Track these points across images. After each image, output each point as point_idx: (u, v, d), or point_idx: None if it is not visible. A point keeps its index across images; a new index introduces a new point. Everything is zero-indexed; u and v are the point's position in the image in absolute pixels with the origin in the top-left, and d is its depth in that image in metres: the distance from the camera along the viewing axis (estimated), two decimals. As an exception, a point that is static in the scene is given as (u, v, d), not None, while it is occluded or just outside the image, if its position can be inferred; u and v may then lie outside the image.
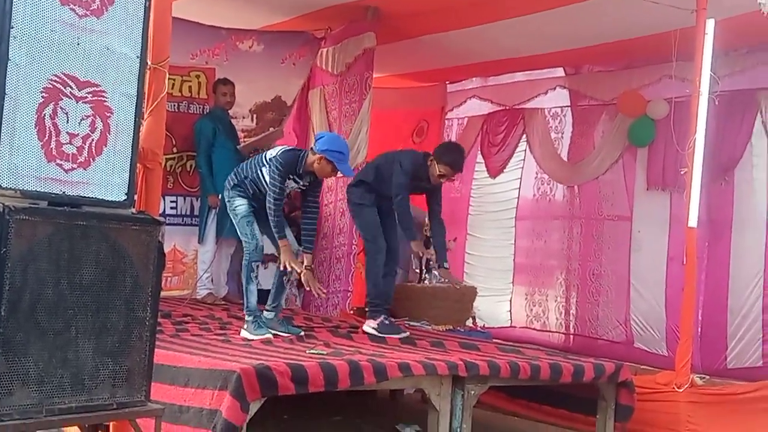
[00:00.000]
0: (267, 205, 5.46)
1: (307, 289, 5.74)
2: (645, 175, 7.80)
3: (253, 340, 5.31)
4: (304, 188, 5.69)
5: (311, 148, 5.58)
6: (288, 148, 5.64)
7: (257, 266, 5.66)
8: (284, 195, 5.61)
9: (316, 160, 5.44)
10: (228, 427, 3.94)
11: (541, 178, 8.80)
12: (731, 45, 6.68)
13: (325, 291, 5.94)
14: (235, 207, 5.66)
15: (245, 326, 5.51)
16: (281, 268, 5.59)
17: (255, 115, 7.91)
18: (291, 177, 5.51)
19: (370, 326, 6.03)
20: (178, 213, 7.49)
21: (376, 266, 6.18)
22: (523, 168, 8.98)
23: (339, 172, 5.68)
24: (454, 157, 6.14)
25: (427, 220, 7.95)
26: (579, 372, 5.39)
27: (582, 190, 8.41)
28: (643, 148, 7.79)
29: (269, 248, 5.86)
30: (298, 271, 5.51)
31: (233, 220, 5.76)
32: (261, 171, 5.58)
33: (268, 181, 5.50)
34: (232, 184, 5.71)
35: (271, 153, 5.59)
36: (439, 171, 6.05)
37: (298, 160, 5.49)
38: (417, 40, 7.72)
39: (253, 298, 5.54)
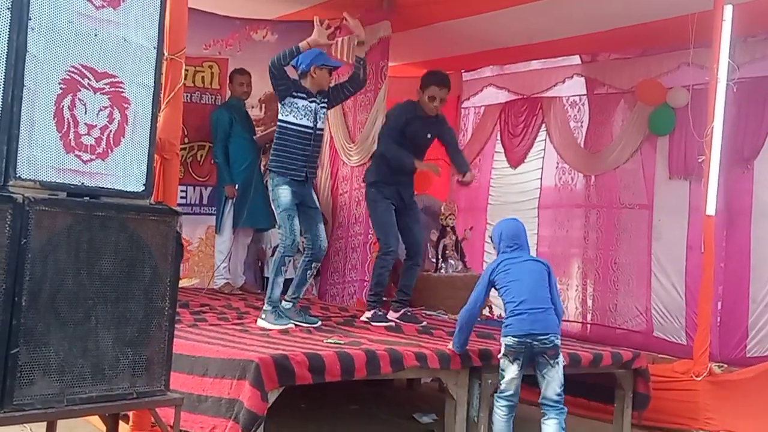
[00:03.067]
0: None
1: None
2: (665, 163, 7.74)
3: (271, 329, 5.33)
4: (325, 103, 5.76)
5: (300, 74, 5.66)
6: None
7: (289, 261, 5.67)
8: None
9: (311, 76, 5.60)
10: (250, 417, 3.96)
11: (562, 168, 8.76)
12: (750, 31, 6.63)
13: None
14: (279, 196, 5.60)
15: (263, 315, 5.51)
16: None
17: (264, 105, 7.91)
18: (302, 96, 5.60)
19: (365, 316, 6.09)
20: (188, 202, 7.54)
21: (382, 266, 6.18)
22: (543, 157, 8.94)
23: (333, 69, 5.81)
24: (434, 75, 6.19)
25: (442, 209, 7.97)
26: (597, 359, 5.40)
27: (602, 179, 8.37)
28: (663, 137, 7.73)
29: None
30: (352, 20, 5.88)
31: (274, 208, 5.71)
32: (280, 116, 5.67)
33: (295, 123, 5.60)
34: (273, 160, 5.70)
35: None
36: (428, 96, 6.06)
37: (298, 82, 5.63)
38: (431, 28, 7.69)
39: (278, 290, 5.54)
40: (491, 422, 4.68)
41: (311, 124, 5.63)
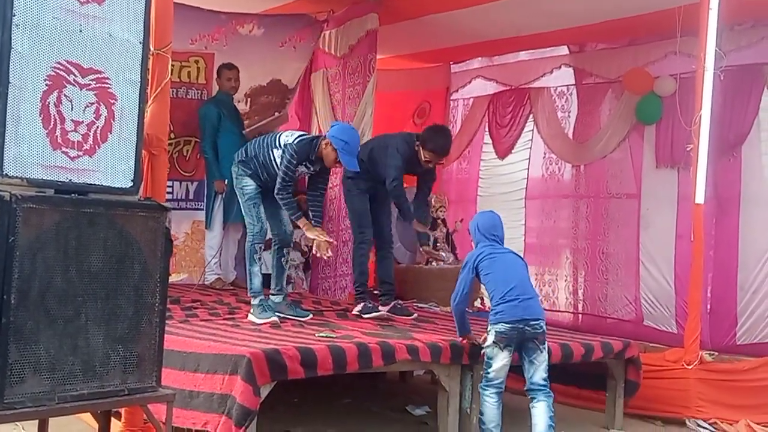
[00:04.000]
0: (276, 189, 5.47)
1: (317, 254, 5.75)
2: (652, 152, 7.75)
3: (259, 324, 5.33)
4: (312, 173, 5.70)
5: (325, 135, 5.59)
6: (304, 138, 5.59)
7: (260, 248, 5.69)
8: (294, 181, 5.63)
9: (324, 145, 5.48)
10: (243, 412, 3.96)
11: (549, 158, 8.76)
12: (736, 19, 6.63)
13: (331, 254, 5.92)
14: (243, 186, 5.67)
15: (252, 310, 5.53)
16: (310, 251, 5.60)
17: (249, 99, 7.88)
18: (303, 162, 5.53)
19: (356, 311, 6.11)
20: (174, 197, 7.51)
21: (361, 255, 6.26)
22: (531, 148, 8.94)
23: (341, 163, 5.61)
24: (438, 142, 6.08)
25: (433, 201, 7.97)
26: (588, 352, 5.42)
27: (590, 169, 8.38)
28: (650, 126, 7.74)
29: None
30: (328, 240, 5.58)
31: (239, 199, 5.76)
32: (272, 153, 5.57)
33: (279, 165, 5.50)
34: (239, 158, 5.71)
35: (286, 138, 5.57)
36: (425, 157, 6.04)
37: (311, 148, 5.51)
38: (420, 21, 7.67)
39: (257, 280, 5.56)
40: (481, 413, 4.69)
41: (294, 181, 5.70)
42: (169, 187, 7.39)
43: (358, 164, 5.69)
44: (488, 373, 4.70)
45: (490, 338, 4.70)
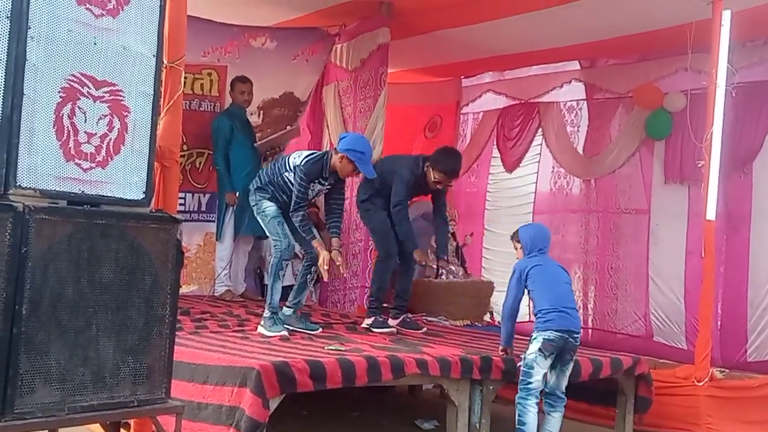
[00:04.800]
0: (291, 211, 5.49)
1: (334, 267, 5.65)
2: (662, 168, 7.75)
3: (269, 336, 5.33)
4: (329, 189, 5.71)
5: (335, 149, 5.60)
6: (312, 157, 5.59)
7: (286, 265, 5.69)
8: (308, 201, 5.64)
9: (338, 159, 5.48)
10: (252, 425, 3.96)
11: (557, 172, 8.77)
12: (748, 36, 6.64)
13: (347, 273, 5.94)
14: (264, 209, 5.69)
15: (262, 322, 5.53)
16: (323, 267, 5.55)
17: (262, 112, 7.91)
18: (316, 180, 5.54)
19: (366, 324, 6.09)
20: (186, 209, 7.52)
21: (385, 270, 6.24)
22: (539, 162, 8.95)
23: (360, 173, 5.68)
24: (448, 164, 6.10)
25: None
26: (597, 369, 5.39)
27: (599, 184, 8.38)
28: (660, 141, 7.74)
29: (297, 246, 5.88)
30: (338, 263, 5.56)
31: (261, 223, 5.77)
32: (285, 177, 5.60)
33: (293, 187, 5.53)
34: (255, 186, 5.74)
35: (294, 160, 5.59)
36: (434, 178, 6.04)
37: (322, 165, 5.52)
38: (431, 35, 7.70)
39: (277, 296, 5.56)
40: (522, 423, 4.70)
41: (307, 201, 5.68)
42: (181, 198, 7.42)
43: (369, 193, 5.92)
44: (529, 383, 4.74)
45: (536, 345, 4.76)
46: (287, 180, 5.59)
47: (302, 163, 5.50)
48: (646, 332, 7.73)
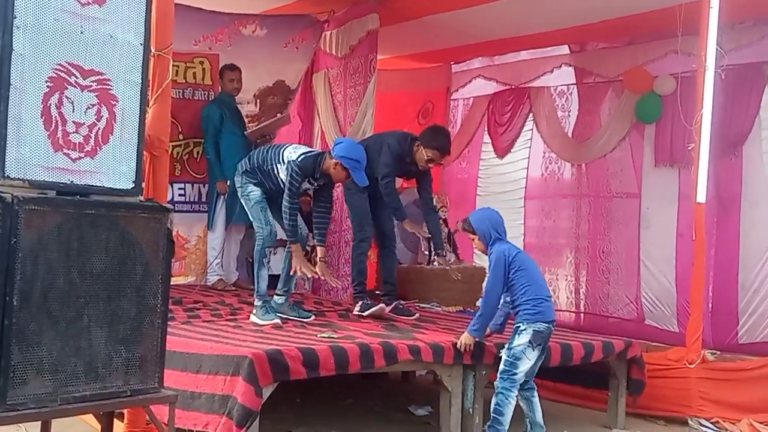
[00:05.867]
0: (283, 208, 5.49)
1: (323, 278, 5.78)
2: (652, 151, 7.75)
3: (261, 325, 5.33)
4: (318, 188, 5.72)
5: (329, 152, 5.59)
6: (308, 154, 5.60)
7: (269, 252, 5.69)
8: (299, 197, 5.64)
9: (332, 164, 5.49)
10: (244, 412, 3.97)
11: (549, 157, 8.76)
12: (737, 18, 6.63)
13: (339, 282, 5.97)
14: (248, 193, 5.69)
15: (254, 311, 5.54)
16: (291, 273, 5.62)
17: (258, 100, 7.88)
18: (306, 179, 5.55)
19: (356, 310, 6.09)
20: (187, 200, 7.49)
21: (360, 253, 6.28)
22: (530, 147, 8.93)
23: (349, 177, 5.64)
24: (441, 141, 6.12)
25: (434, 201, 7.95)
26: (589, 353, 5.41)
27: (590, 168, 8.37)
28: (651, 125, 7.74)
29: (280, 233, 5.87)
30: (309, 275, 5.63)
31: (245, 206, 5.78)
32: (276, 168, 5.59)
33: (283, 181, 5.52)
34: (243, 169, 5.73)
35: (289, 154, 5.57)
36: (427, 156, 6.05)
37: (315, 165, 5.52)
38: (421, 21, 7.67)
39: (264, 283, 5.56)
40: (500, 414, 4.68)
41: (299, 197, 5.68)
42: (180, 189, 7.42)
43: None
44: (515, 374, 4.71)
45: (525, 337, 4.70)
46: (277, 172, 5.58)
47: (298, 159, 5.49)
48: (638, 316, 7.75)
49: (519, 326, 4.75)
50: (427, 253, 7.90)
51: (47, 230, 2.94)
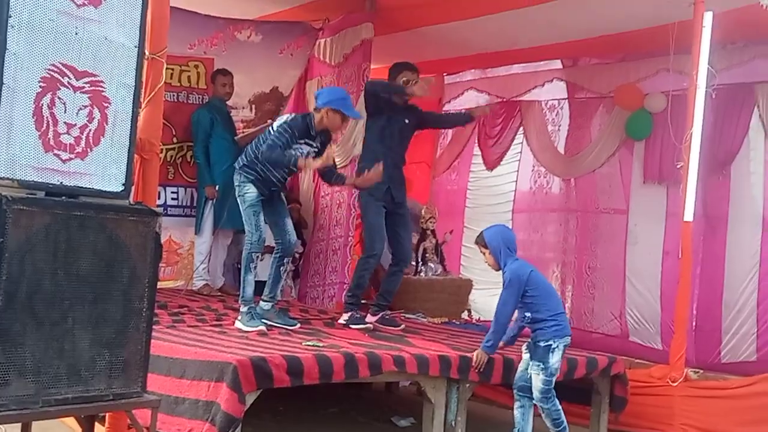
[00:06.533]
0: (265, 159, 5.38)
1: (330, 161, 5.55)
2: (641, 168, 7.79)
3: (246, 331, 5.31)
4: (317, 150, 5.60)
5: (314, 108, 5.57)
6: (296, 115, 5.61)
7: (257, 257, 5.65)
8: (289, 162, 5.40)
9: (323, 115, 5.45)
10: (227, 420, 3.95)
11: (538, 171, 8.79)
12: (729, 38, 6.67)
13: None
14: (244, 193, 5.58)
15: (240, 317, 5.51)
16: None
17: (254, 106, 7.89)
18: (305, 141, 5.49)
19: (342, 320, 6.05)
20: (180, 204, 7.47)
21: (365, 268, 6.15)
22: (520, 160, 8.97)
23: (348, 119, 5.70)
24: (401, 64, 6.24)
25: (423, 212, 7.98)
26: (572, 368, 5.41)
27: (578, 183, 8.41)
28: (640, 142, 7.78)
29: (269, 240, 5.85)
30: (321, 164, 5.44)
31: (240, 206, 5.68)
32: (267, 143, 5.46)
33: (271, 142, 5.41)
34: (241, 164, 5.60)
35: (277, 123, 5.56)
36: (403, 79, 6.11)
37: (307, 123, 5.48)
38: (415, 32, 7.69)
39: (250, 289, 5.53)
40: (558, 425, 4.86)
41: (285, 143, 5.54)
42: (173, 193, 7.41)
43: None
44: (552, 389, 4.83)
45: (558, 354, 4.81)
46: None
47: (287, 120, 5.52)
48: (622, 332, 7.77)
49: (550, 344, 4.80)
50: (414, 264, 7.90)
51: (35, 231, 2.93)
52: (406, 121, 6.24)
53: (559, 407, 4.85)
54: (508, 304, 4.91)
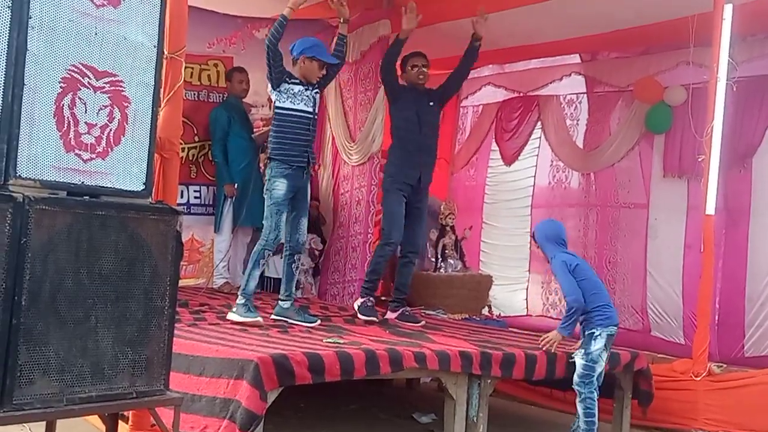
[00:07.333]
0: (267, 45, 5.59)
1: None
2: (661, 162, 7.74)
3: (241, 322, 5.32)
4: (317, 90, 5.81)
5: (292, 61, 5.75)
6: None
7: (268, 255, 5.68)
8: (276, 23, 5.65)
9: (300, 66, 5.67)
10: (249, 417, 3.95)
11: (556, 166, 8.75)
12: (749, 30, 6.62)
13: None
14: (273, 188, 5.63)
15: (234, 308, 5.50)
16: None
17: (272, 104, 7.89)
18: (298, 82, 5.69)
19: (356, 304, 6.14)
20: (202, 202, 7.52)
21: (381, 255, 6.26)
22: (538, 155, 8.93)
23: (325, 66, 5.79)
24: (410, 54, 6.47)
25: (442, 208, 7.97)
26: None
27: (598, 178, 8.36)
28: (660, 135, 7.73)
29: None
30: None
31: (265, 201, 5.71)
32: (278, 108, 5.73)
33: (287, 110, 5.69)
34: (271, 153, 5.72)
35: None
36: (413, 66, 6.37)
37: (291, 76, 5.71)
38: (432, 28, 7.65)
39: (253, 283, 5.55)
40: (591, 416, 4.93)
41: (310, 109, 5.71)
42: (196, 191, 7.45)
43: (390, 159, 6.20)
44: (592, 377, 4.96)
45: (601, 342, 4.96)
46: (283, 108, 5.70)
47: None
48: (644, 327, 7.72)
49: (593, 332, 4.98)
50: (433, 259, 7.90)
51: (57, 230, 2.94)
52: (430, 103, 6.30)
53: (595, 398, 4.93)
54: (572, 285, 5.04)
